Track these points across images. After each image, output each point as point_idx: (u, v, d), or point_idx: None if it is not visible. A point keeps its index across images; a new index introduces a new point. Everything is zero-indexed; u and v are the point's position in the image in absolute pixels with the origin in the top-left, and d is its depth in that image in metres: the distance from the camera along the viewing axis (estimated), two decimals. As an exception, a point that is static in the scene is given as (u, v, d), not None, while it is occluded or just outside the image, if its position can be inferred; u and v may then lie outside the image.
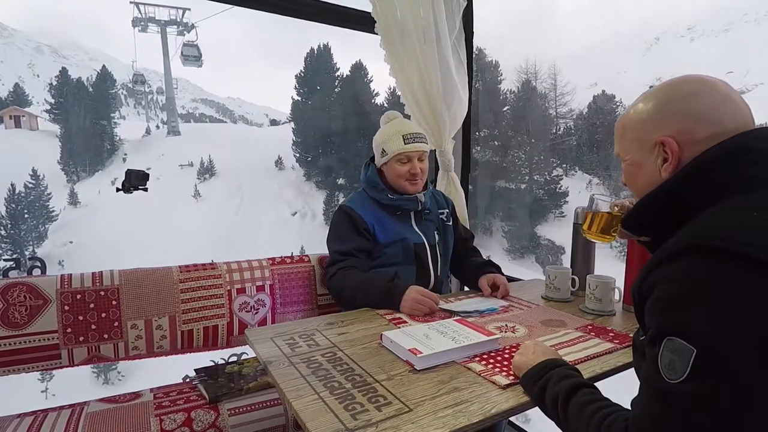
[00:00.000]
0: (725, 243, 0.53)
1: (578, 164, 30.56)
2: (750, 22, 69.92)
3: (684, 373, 0.52)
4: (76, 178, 39.25)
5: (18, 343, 1.22)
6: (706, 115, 0.66)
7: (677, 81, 0.72)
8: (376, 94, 34.62)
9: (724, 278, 0.53)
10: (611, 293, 1.24)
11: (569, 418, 0.69)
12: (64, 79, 40.79)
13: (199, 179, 37.84)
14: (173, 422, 1.19)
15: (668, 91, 0.71)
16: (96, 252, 27.65)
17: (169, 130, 47.42)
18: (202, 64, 44.19)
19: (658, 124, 0.70)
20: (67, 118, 39.53)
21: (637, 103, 0.74)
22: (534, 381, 0.78)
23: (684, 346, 0.53)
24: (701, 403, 0.51)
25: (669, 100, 0.70)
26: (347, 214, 1.46)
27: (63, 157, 39.17)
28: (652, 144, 0.70)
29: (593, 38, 39.99)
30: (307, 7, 1.82)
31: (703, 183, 0.64)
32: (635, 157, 0.74)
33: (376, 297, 1.29)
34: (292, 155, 36.86)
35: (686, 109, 0.68)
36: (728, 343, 0.51)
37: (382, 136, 1.50)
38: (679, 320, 0.55)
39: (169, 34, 53.13)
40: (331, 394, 0.79)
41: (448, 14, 1.88)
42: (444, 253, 1.58)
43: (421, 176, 1.49)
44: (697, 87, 0.68)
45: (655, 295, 0.58)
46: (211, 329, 1.44)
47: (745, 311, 0.51)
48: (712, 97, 0.67)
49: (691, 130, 0.67)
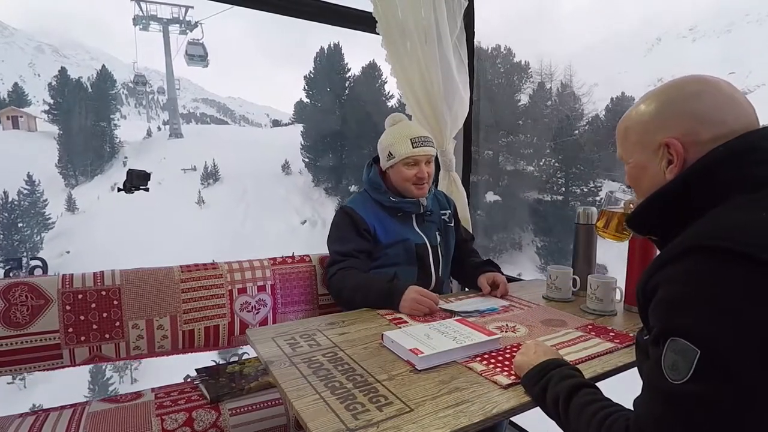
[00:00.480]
0: (728, 243, 0.53)
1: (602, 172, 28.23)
2: (752, 23, 69.64)
3: (687, 374, 0.52)
4: (75, 182, 38.26)
5: (19, 343, 1.23)
6: (710, 116, 0.66)
7: (680, 82, 0.71)
8: (390, 95, 32.36)
9: (728, 278, 0.53)
10: (612, 293, 1.24)
11: (570, 418, 0.69)
12: (64, 79, 39.62)
13: (203, 184, 36.22)
14: (174, 422, 1.19)
15: (671, 92, 0.70)
16: (94, 262, 25.93)
17: (171, 132, 45.92)
18: (207, 64, 41.81)
19: (662, 125, 0.69)
20: (65, 120, 38.13)
21: (639, 105, 0.74)
22: (535, 381, 0.78)
23: (687, 347, 0.53)
24: (704, 404, 0.51)
25: (672, 101, 0.69)
26: (348, 214, 1.45)
27: (61, 160, 38.04)
28: (656, 146, 0.70)
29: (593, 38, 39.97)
30: (307, 7, 1.82)
31: (708, 183, 0.64)
32: (639, 160, 0.73)
33: (375, 297, 1.29)
34: (300, 159, 35.33)
35: (690, 110, 0.67)
36: (731, 344, 0.51)
37: (388, 139, 1.49)
38: (683, 321, 0.55)
39: (171, 32, 50.78)
40: (332, 394, 0.79)
41: (449, 14, 1.88)
42: (445, 253, 1.58)
43: (427, 180, 1.49)
44: (699, 87, 0.68)
45: (659, 296, 0.58)
46: (212, 329, 1.44)
47: (748, 311, 0.51)
48: (715, 97, 0.67)
49: (696, 131, 0.66)
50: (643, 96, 0.74)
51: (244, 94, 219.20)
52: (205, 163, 36.98)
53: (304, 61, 35.01)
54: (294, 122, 39.08)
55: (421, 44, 1.83)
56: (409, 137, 1.46)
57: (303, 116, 35.50)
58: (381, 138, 1.54)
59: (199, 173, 37.07)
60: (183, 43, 40.62)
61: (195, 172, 37.27)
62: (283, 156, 37.09)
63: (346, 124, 32.45)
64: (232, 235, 30.46)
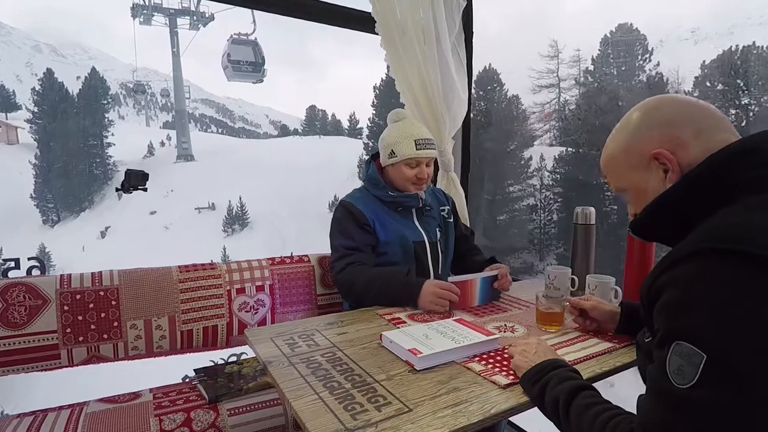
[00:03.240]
0: (737, 245, 0.53)
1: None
2: (754, 26, 69.57)
3: (693, 379, 0.52)
4: (56, 217, 28.93)
5: (17, 343, 1.22)
6: (679, 117, 0.70)
7: (638, 105, 0.76)
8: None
9: (736, 281, 0.52)
10: (610, 293, 1.24)
11: (571, 420, 0.68)
12: (50, 82, 31.15)
13: (226, 231, 25.66)
14: (173, 422, 1.19)
15: (635, 114, 0.75)
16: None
17: (179, 153, 35.71)
18: (263, 78, 23.94)
19: (641, 142, 0.72)
20: (47, 137, 29.08)
21: (613, 139, 0.78)
22: (534, 382, 0.78)
23: (693, 351, 0.52)
24: (710, 409, 0.50)
25: (639, 120, 0.74)
26: (347, 209, 1.45)
27: (38, 189, 28.60)
28: (646, 161, 0.72)
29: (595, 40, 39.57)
30: (306, 8, 1.82)
31: (712, 185, 0.64)
32: (635, 181, 0.74)
33: (394, 292, 1.27)
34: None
35: (657, 120, 0.71)
36: (738, 349, 0.50)
37: (392, 137, 1.48)
38: (688, 324, 0.54)
39: (180, 27, 39.35)
40: (331, 394, 0.79)
41: (448, 14, 1.89)
42: (445, 250, 1.58)
43: (426, 180, 1.49)
44: (657, 102, 0.73)
45: (665, 298, 0.58)
46: (210, 329, 1.44)
47: (756, 315, 0.51)
48: (672, 104, 0.72)
49: (674, 134, 0.69)
50: (612, 132, 0.79)
51: (243, 94, 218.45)
52: (229, 203, 25.97)
53: (305, 62, 33.85)
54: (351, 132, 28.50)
55: (419, 44, 1.83)
56: (414, 138, 1.45)
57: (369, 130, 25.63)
58: (384, 134, 1.53)
59: (220, 215, 26.06)
60: (227, 44, 22.99)
61: (213, 212, 26.98)
62: (329, 185, 24.73)
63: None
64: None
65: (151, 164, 32.93)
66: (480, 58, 3.63)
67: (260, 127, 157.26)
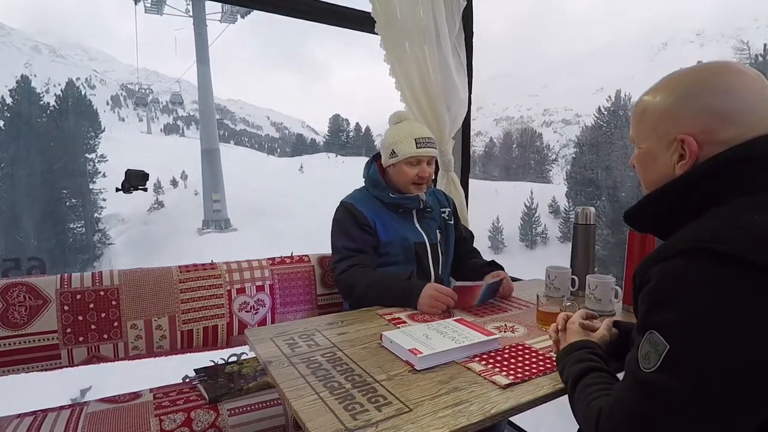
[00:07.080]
0: (726, 247, 0.54)
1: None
2: (761, 27, 69.49)
3: (656, 364, 0.55)
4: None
5: (18, 343, 1.22)
6: (735, 117, 0.63)
7: (711, 70, 0.66)
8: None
9: (720, 282, 0.53)
10: (611, 293, 1.24)
11: (574, 399, 0.73)
12: (26, 91, 20.09)
13: None
14: (173, 422, 1.19)
15: (698, 80, 0.66)
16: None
17: (208, 218, 22.66)
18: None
19: (681, 120, 0.66)
20: (13, 181, 18.64)
21: (662, 90, 0.70)
22: (559, 362, 0.84)
23: (660, 341, 0.55)
24: (666, 393, 0.54)
25: (696, 95, 0.65)
26: (348, 210, 1.45)
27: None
28: (670, 138, 0.68)
29: (598, 42, 39.11)
30: (306, 8, 1.82)
31: (712, 185, 0.64)
32: (650, 148, 0.72)
33: (394, 295, 1.28)
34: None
35: (715, 107, 0.64)
36: (701, 349, 0.53)
37: (392, 137, 1.48)
38: (663, 317, 0.57)
39: (208, 19, 28.25)
40: (331, 394, 0.79)
41: (448, 14, 1.89)
42: (446, 251, 1.58)
43: (427, 180, 1.49)
44: (731, 84, 0.64)
45: (649, 287, 0.60)
46: (210, 329, 1.44)
47: (736, 319, 0.52)
48: (746, 96, 0.63)
49: (715, 130, 0.64)
50: (669, 78, 0.70)
51: (244, 96, 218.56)
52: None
53: (304, 63, 33.20)
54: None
55: (420, 44, 1.83)
56: (414, 137, 1.45)
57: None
58: (385, 135, 1.53)
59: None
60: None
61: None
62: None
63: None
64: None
65: (159, 230, 21.48)
66: (480, 58, 3.61)
67: (261, 129, 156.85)
